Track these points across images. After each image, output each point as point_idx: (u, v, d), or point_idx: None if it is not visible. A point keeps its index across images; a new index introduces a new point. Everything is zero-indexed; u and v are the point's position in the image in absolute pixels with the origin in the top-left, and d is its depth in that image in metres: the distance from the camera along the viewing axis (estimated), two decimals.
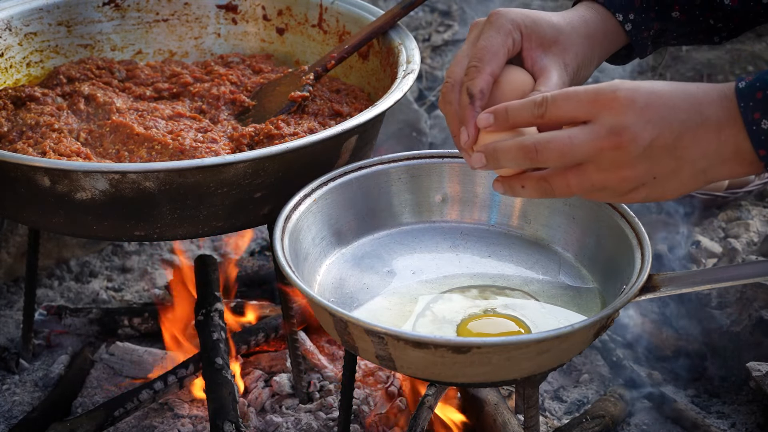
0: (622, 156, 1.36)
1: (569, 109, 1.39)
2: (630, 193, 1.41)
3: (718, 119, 1.36)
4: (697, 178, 1.39)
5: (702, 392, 2.21)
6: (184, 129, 1.90)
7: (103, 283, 2.53)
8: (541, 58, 1.60)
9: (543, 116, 1.41)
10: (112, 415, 2.00)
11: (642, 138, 1.35)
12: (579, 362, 2.27)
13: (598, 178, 1.39)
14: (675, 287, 1.56)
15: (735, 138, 1.35)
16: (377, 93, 2.04)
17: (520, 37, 1.59)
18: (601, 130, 1.36)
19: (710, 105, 1.36)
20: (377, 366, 2.08)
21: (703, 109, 1.36)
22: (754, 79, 1.34)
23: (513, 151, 1.43)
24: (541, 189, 1.45)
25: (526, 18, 1.60)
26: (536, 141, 1.40)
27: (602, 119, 1.36)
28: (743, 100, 1.34)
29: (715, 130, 1.36)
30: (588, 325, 1.46)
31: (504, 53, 1.57)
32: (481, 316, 1.63)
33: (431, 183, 1.83)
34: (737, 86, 1.35)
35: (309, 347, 2.17)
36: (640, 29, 1.69)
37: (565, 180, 1.42)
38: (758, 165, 1.37)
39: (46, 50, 2.16)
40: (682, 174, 1.38)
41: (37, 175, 1.68)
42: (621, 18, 1.67)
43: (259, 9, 2.25)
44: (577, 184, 1.41)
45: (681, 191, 1.41)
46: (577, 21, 1.65)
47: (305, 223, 1.71)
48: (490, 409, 1.95)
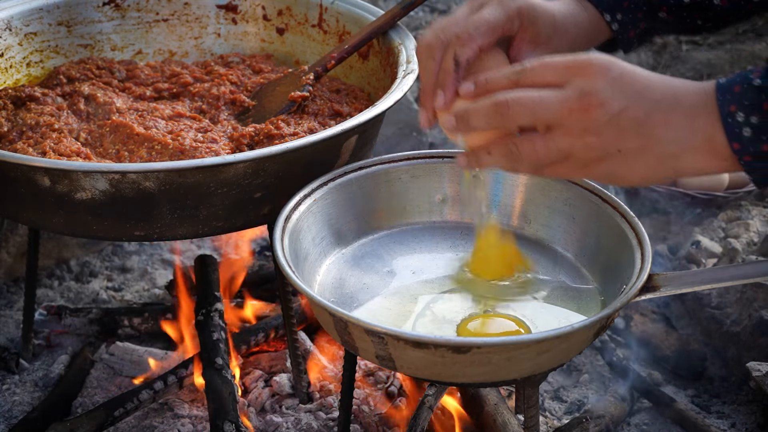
0: (589, 120, 1.37)
1: (545, 73, 1.40)
2: (594, 165, 1.40)
3: (692, 106, 1.36)
4: (664, 163, 1.39)
5: (702, 392, 2.21)
6: (184, 129, 1.90)
7: (103, 283, 2.53)
8: (528, 53, 1.62)
9: (519, 82, 1.42)
10: (112, 415, 2.00)
11: (611, 105, 1.36)
12: (579, 362, 2.27)
13: (564, 143, 1.39)
14: (675, 287, 1.56)
15: (709, 128, 1.35)
16: (377, 93, 2.04)
17: (518, 26, 1.61)
18: (571, 93, 1.37)
19: (686, 93, 1.37)
20: (377, 366, 2.08)
21: (679, 95, 1.37)
22: (735, 76, 1.35)
23: (485, 108, 1.43)
24: (507, 153, 1.44)
25: (531, 10, 1.61)
26: (508, 96, 1.41)
27: (574, 83, 1.38)
28: (721, 93, 1.34)
29: (688, 117, 1.36)
30: (588, 325, 1.46)
31: (499, 33, 1.58)
32: (480, 316, 1.63)
33: (431, 183, 1.83)
34: (717, 81, 1.36)
35: (309, 347, 2.17)
36: (627, 29, 1.70)
37: (532, 144, 1.41)
38: (731, 161, 1.36)
39: (46, 50, 2.16)
40: (648, 155, 1.38)
41: (37, 175, 1.68)
42: (609, 18, 1.68)
43: (259, 9, 2.25)
44: (543, 148, 1.41)
45: (646, 176, 1.41)
46: (568, 20, 1.66)
47: (305, 223, 1.71)
48: (489, 409, 1.94)
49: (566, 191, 1.76)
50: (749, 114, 1.32)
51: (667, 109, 1.36)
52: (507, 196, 1.82)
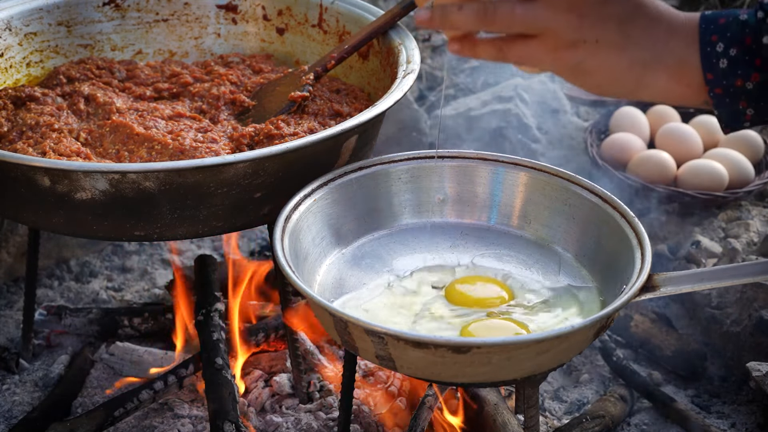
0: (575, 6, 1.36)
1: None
2: (565, 50, 1.37)
3: (671, 23, 1.35)
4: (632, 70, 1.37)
5: (702, 392, 2.21)
6: (184, 129, 1.90)
7: (103, 283, 2.53)
8: None
9: None
10: (112, 415, 2.00)
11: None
12: (579, 362, 2.27)
13: (544, 14, 1.37)
14: (675, 287, 1.56)
15: (683, 50, 1.35)
16: (377, 93, 2.03)
17: None
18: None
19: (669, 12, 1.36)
20: (377, 366, 2.08)
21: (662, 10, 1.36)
22: (723, 10, 1.35)
23: None
24: (481, 10, 1.38)
25: None
26: None
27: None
28: (704, 22, 1.34)
29: (666, 31, 1.35)
30: (588, 325, 1.46)
31: None
32: (482, 319, 1.62)
33: (431, 183, 1.83)
34: (703, 12, 1.36)
35: (309, 347, 2.17)
36: None
37: (511, 6, 1.37)
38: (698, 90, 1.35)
39: (46, 50, 2.16)
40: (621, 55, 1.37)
41: (37, 175, 1.68)
42: None
43: (259, 9, 2.25)
44: (522, 13, 1.37)
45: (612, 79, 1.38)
46: None
47: (305, 223, 1.71)
48: (489, 409, 1.94)
49: (566, 191, 1.76)
50: (729, 46, 1.32)
51: (651, 17, 1.36)
52: (507, 196, 1.82)
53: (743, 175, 2.61)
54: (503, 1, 1.38)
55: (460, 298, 1.64)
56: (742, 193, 2.57)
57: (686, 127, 2.72)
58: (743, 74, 1.31)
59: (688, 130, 2.70)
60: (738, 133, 2.70)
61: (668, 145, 2.68)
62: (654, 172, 2.60)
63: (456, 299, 1.64)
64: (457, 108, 2.88)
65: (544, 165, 1.79)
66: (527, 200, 1.80)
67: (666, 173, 2.61)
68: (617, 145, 2.68)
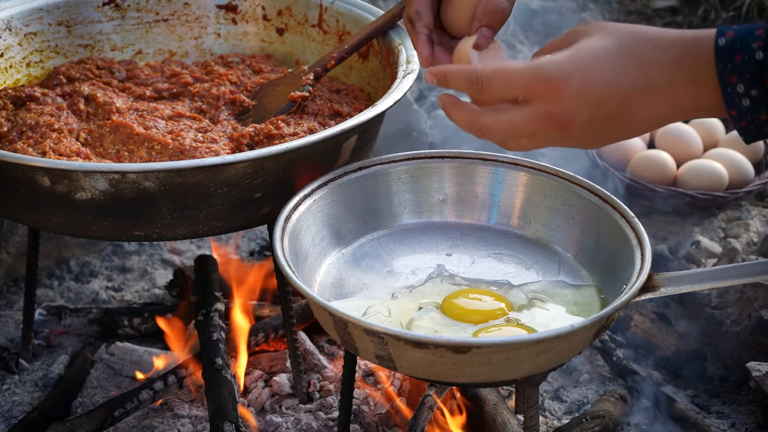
0: (563, 132, 1.38)
1: (506, 93, 1.40)
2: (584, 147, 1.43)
3: (672, 81, 1.34)
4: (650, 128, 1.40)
5: (702, 392, 2.21)
6: (184, 129, 1.90)
7: (103, 283, 2.53)
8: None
9: (481, 93, 1.42)
10: (112, 415, 1.99)
11: (579, 118, 1.36)
12: (579, 362, 2.27)
13: (548, 141, 1.41)
14: (674, 287, 1.56)
15: (696, 96, 1.34)
16: (377, 93, 2.03)
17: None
18: (537, 114, 1.38)
19: (663, 69, 1.35)
20: (377, 366, 2.07)
21: (652, 75, 1.35)
22: (735, 38, 1.31)
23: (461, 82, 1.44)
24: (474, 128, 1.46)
25: None
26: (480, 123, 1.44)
27: (537, 104, 1.38)
28: (721, 60, 1.31)
29: (669, 92, 1.35)
30: (588, 325, 1.46)
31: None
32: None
33: (431, 183, 1.83)
34: (717, 43, 1.32)
35: (309, 347, 2.17)
36: None
37: (518, 143, 1.43)
38: (719, 114, 1.36)
39: (46, 50, 2.15)
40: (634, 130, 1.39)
41: (37, 175, 1.68)
42: None
43: (259, 9, 2.25)
44: (530, 144, 1.43)
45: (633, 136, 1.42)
46: None
47: (305, 223, 1.70)
48: (489, 409, 1.94)
49: (566, 191, 1.76)
50: (750, 87, 1.30)
51: (643, 92, 1.35)
52: (507, 196, 1.81)
53: (743, 175, 2.61)
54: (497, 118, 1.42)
55: (459, 314, 1.63)
56: (742, 193, 2.57)
57: (686, 127, 2.72)
58: (766, 109, 1.31)
59: (688, 130, 2.70)
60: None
61: (668, 145, 2.68)
62: (654, 172, 2.60)
63: (454, 315, 1.64)
64: None
65: (544, 165, 1.79)
66: (527, 200, 1.80)
67: (666, 173, 2.60)
68: (617, 146, 2.68)
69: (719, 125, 2.76)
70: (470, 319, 1.61)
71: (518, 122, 1.40)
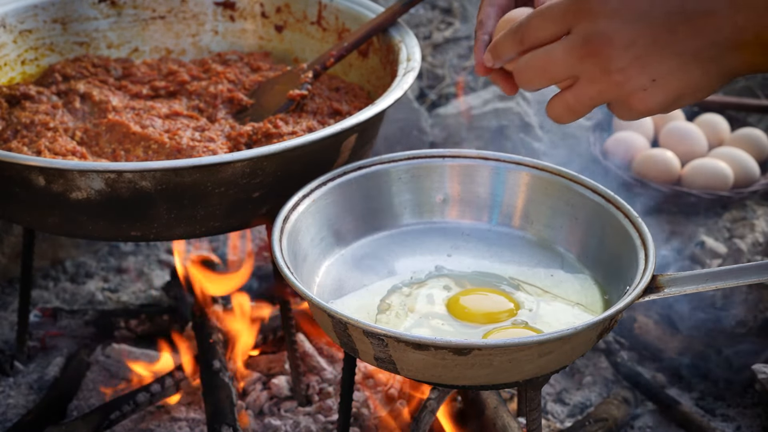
0: (604, 61, 1.29)
1: (546, 28, 1.34)
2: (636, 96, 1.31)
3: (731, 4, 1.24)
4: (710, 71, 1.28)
5: (707, 395, 2.21)
6: (181, 128, 1.89)
7: (98, 284, 2.52)
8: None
9: (523, 42, 1.37)
10: (108, 418, 1.99)
11: (619, 38, 1.27)
12: (582, 364, 2.27)
13: (592, 90, 1.33)
14: (679, 288, 1.54)
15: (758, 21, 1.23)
16: (377, 91, 2.03)
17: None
18: (575, 40, 1.31)
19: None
20: (375, 369, 2.07)
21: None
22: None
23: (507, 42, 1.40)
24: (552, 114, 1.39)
25: None
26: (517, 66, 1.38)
27: (577, 29, 1.30)
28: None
29: (726, 17, 1.24)
30: (591, 327, 1.45)
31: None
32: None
33: (432, 183, 1.82)
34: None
35: (308, 349, 2.17)
36: None
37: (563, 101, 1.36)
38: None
39: (41, 48, 2.15)
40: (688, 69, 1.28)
41: (32, 175, 1.67)
42: None
43: (258, 6, 2.24)
44: (575, 101, 1.35)
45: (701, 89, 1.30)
46: None
47: (304, 223, 1.69)
48: (489, 412, 1.93)
49: (568, 191, 1.75)
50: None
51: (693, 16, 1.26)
52: (509, 196, 1.81)
53: (748, 175, 2.60)
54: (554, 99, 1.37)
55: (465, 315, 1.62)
56: (748, 193, 2.56)
57: (691, 125, 2.71)
58: None
59: (692, 128, 2.69)
60: (743, 132, 2.70)
61: (672, 144, 2.67)
62: (658, 172, 2.59)
63: (461, 315, 1.62)
64: (457, 107, 2.88)
65: (546, 164, 1.78)
66: (529, 200, 1.79)
67: (670, 172, 2.60)
68: (621, 144, 2.67)
69: (724, 124, 2.75)
70: (478, 319, 1.59)
71: (555, 53, 1.32)
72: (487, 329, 1.58)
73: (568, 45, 1.32)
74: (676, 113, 2.77)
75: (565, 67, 1.33)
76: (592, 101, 1.34)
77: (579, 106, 1.35)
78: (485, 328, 1.59)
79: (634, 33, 1.27)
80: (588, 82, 1.33)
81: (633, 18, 1.27)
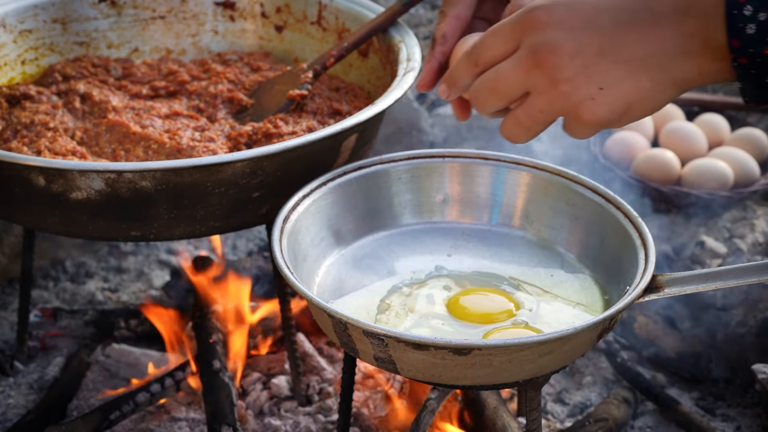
0: (550, 72, 1.28)
1: (497, 45, 1.34)
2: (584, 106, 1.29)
3: (677, 10, 1.23)
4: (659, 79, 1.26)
5: (707, 395, 2.20)
6: (181, 128, 1.89)
7: (98, 284, 2.52)
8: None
9: (477, 63, 1.37)
10: (108, 418, 1.98)
11: (565, 49, 1.26)
12: (582, 364, 2.27)
13: (541, 103, 1.32)
14: (679, 288, 1.54)
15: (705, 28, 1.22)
16: (377, 91, 2.02)
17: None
18: (523, 53, 1.30)
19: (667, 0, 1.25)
20: (375, 369, 2.06)
21: (655, 4, 1.24)
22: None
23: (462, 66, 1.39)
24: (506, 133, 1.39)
25: None
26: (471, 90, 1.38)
27: (524, 42, 1.30)
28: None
29: (674, 24, 1.23)
30: (591, 327, 1.44)
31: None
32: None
33: (432, 183, 1.82)
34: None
35: (308, 349, 2.16)
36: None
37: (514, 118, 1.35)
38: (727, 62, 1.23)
39: (41, 48, 2.14)
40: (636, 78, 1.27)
41: (32, 175, 1.66)
42: None
43: (258, 6, 2.24)
44: (525, 116, 1.34)
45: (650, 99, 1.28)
46: None
47: (304, 223, 1.69)
48: (489, 413, 1.93)
49: (569, 191, 1.74)
50: (759, 9, 1.19)
51: (640, 24, 1.25)
52: (508, 196, 1.80)
53: (748, 175, 2.60)
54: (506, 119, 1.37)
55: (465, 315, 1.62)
56: (748, 193, 2.56)
57: (691, 125, 2.71)
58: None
59: (692, 128, 2.69)
60: (743, 132, 2.69)
61: (672, 143, 2.67)
62: (658, 172, 2.59)
63: (461, 315, 1.62)
64: None
65: (546, 164, 1.78)
66: (529, 200, 1.79)
67: (670, 172, 2.59)
68: (621, 144, 2.67)
69: (724, 124, 2.75)
70: (478, 320, 1.59)
71: (505, 69, 1.32)
72: (487, 329, 1.58)
73: (516, 59, 1.31)
74: (677, 113, 2.76)
75: (515, 83, 1.32)
76: (543, 115, 1.33)
77: (530, 121, 1.35)
78: (485, 328, 1.58)
79: (581, 42, 1.27)
80: (537, 95, 1.32)
81: (579, 27, 1.27)
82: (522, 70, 1.31)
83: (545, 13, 1.28)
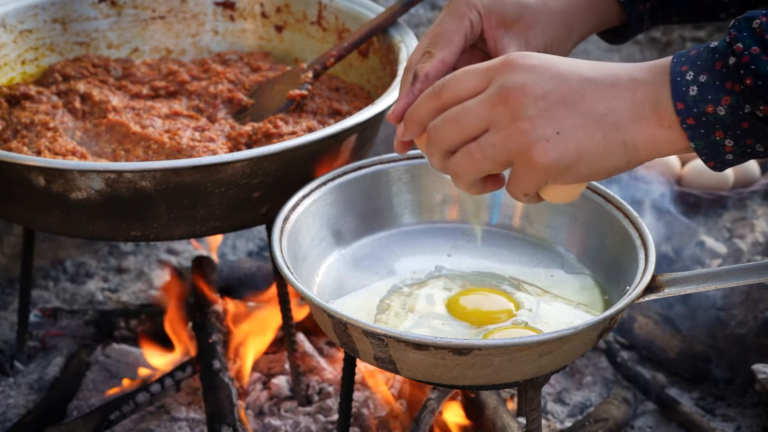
0: (514, 107, 1.31)
1: (468, 80, 1.36)
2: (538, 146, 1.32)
3: (632, 79, 1.31)
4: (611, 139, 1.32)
5: (707, 395, 2.20)
6: (181, 128, 1.89)
7: (98, 284, 2.52)
8: (501, 38, 1.58)
9: (440, 95, 1.38)
10: (108, 418, 1.98)
11: (532, 89, 1.31)
12: (582, 364, 2.26)
13: (496, 138, 1.33)
14: (679, 288, 1.54)
15: (654, 94, 1.30)
16: (377, 91, 2.02)
17: (478, 18, 1.58)
18: (492, 90, 1.33)
19: (626, 69, 1.33)
20: (375, 369, 2.06)
21: (615, 71, 1.33)
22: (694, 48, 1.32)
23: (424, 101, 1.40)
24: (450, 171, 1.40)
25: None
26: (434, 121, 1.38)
27: (494, 81, 1.33)
28: (676, 57, 1.31)
29: (629, 89, 1.31)
30: (591, 327, 1.44)
31: (460, 39, 1.56)
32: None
33: (432, 183, 1.82)
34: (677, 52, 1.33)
35: (308, 349, 2.16)
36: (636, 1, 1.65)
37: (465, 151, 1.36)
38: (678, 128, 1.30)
39: (41, 48, 2.14)
40: (591, 131, 1.32)
41: (32, 175, 1.66)
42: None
43: (258, 6, 2.24)
44: (477, 148, 1.35)
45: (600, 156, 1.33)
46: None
47: (304, 223, 1.69)
48: (489, 413, 1.93)
49: None
50: (699, 73, 1.28)
51: (602, 85, 1.32)
52: (508, 196, 1.80)
53: (748, 175, 2.60)
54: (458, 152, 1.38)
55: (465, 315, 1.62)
56: (748, 193, 2.56)
57: None
58: (714, 99, 1.27)
59: None
60: None
61: None
62: (658, 172, 2.59)
63: (461, 315, 1.62)
64: None
65: None
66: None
67: (670, 172, 2.59)
68: None
69: None
70: (478, 320, 1.59)
71: (471, 104, 1.34)
72: (488, 329, 1.58)
73: (484, 96, 1.34)
74: None
75: (478, 115, 1.34)
76: (495, 150, 1.34)
77: (480, 154, 1.36)
78: (485, 328, 1.58)
79: (547, 88, 1.32)
80: (495, 130, 1.34)
81: (549, 76, 1.32)
82: (488, 105, 1.34)
83: (522, 59, 1.34)
